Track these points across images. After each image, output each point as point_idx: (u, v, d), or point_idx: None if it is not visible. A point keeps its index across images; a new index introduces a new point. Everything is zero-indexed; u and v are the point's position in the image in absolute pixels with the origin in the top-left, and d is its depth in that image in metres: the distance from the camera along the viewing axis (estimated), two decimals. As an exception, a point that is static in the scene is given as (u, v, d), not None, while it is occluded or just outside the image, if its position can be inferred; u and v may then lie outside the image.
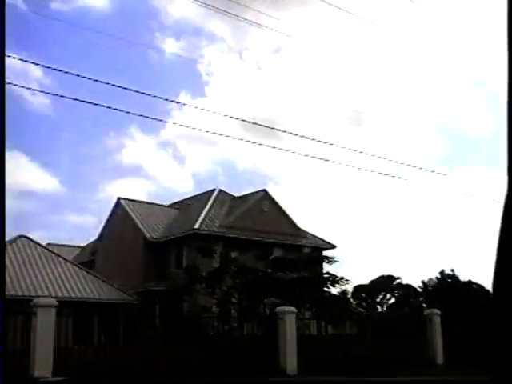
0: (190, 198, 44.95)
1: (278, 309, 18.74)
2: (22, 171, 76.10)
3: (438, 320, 22.46)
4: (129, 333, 28.77)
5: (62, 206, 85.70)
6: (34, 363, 14.38)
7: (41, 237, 73.61)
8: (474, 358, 22.02)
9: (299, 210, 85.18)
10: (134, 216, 39.53)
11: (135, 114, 15.92)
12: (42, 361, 14.42)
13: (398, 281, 61.38)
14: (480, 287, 44.79)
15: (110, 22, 74.69)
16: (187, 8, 78.54)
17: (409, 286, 59.28)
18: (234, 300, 26.09)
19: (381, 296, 64.94)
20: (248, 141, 21.98)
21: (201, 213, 37.05)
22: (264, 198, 39.28)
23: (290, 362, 17.97)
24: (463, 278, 49.80)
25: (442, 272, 52.27)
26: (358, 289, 67.47)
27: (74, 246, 53.08)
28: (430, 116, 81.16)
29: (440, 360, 21.61)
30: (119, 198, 42.30)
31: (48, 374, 14.39)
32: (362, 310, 59.09)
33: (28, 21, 69.63)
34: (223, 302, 26.64)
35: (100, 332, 30.97)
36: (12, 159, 77.11)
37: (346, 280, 27.37)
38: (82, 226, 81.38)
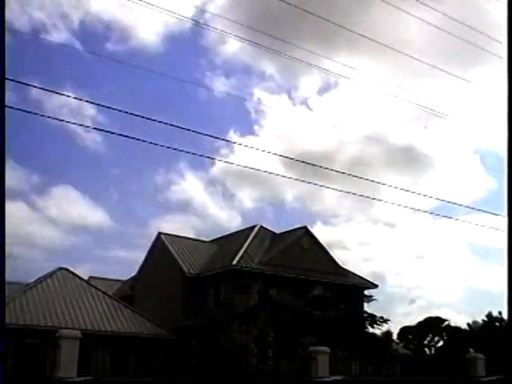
0: (231, 234, 44.72)
1: (311, 348, 18.18)
2: (74, 206, 77.86)
3: (481, 364, 21.48)
4: (164, 368, 28.41)
5: (111, 240, 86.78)
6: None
7: (88, 270, 74.25)
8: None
9: (346, 249, 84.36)
10: (172, 251, 39.40)
11: (185, 151, 16.26)
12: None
13: (446, 323, 59.51)
14: None
15: (161, 62, 76.25)
16: (237, 47, 79.53)
17: (458, 329, 57.37)
18: (270, 338, 25.55)
19: (428, 338, 63.20)
20: (297, 179, 22.14)
21: (240, 249, 36.67)
22: (304, 235, 38.71)
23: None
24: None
25: (489, 315, 50.49)
26: (405, 330, 65.84)
27: (116, 280, 53.16)
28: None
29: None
30: (159, 233, 42.34)
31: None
32: (407, 351, 57.50)
33: (84, 60, 71.68)
34: (259, 339, 26.13)
35: (136, 366, 30.71)
36: (64, 194, 79.20)
37: (385, 320, 26.60)
38: (129, 261, 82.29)
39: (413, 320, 68.02)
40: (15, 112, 12.56)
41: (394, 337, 66.56)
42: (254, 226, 42.15)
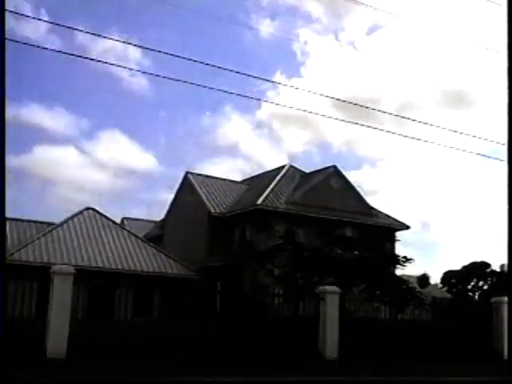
0: (262, 174, 43.80)
1: (320, 288, 17.36)
2: (122, 150, 78.19)
3: (505, 309, 20.31)
4: (189, 308, 28.04)
5: (159, 183, 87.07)
6: (48, 338, 13.67)
7: (134, 213, 74.63)
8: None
9: (390, 192, 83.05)
10: (199, 190, 38.80)
11: (232, 93, 16.25)
12: (56, 335, 13.63)
13: (492, 267, 57.92)
14: None
15: (205, 3, 74.55)
16: None
17: (502, 273, 55.84)
18: (289, 278, 24.91)
19: (473, 283, 61.85)
20: (343, 120, 21.98)
21: (266, 188, 35.84)
22: (333, 175, 37.52)
23: (330, 346, 16.57)
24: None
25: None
26: (449, 274, 64.47)
27: (150, 221, 53.07)
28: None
29: (505, 355, 19.54)
30: (187, 173, 41.68)
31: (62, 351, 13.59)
32: (450, 296, 56.46)
33: (129, 3, 70.47)
34: (279, 279, 25.52)
35: (161, 306, 30.54)
36: (112, 138, 79.56)
37: (409, 260, 25.65)
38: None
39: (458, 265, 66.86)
40: (64, 56, 12.80)
41: (437, 280, 65.53)
42: (283, 166, 41.17)
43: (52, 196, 79.90)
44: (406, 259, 25.70)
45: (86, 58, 15.69)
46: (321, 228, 30.02)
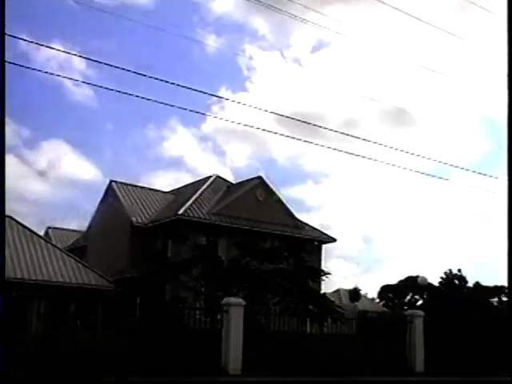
0: (189, 184, 43.13)
1: (224, 300, 16.77)
2: (65, 160, 76.72)
3: (419, 322, 20.26)
4: (106, 321, 26.98)
5: (101, 195, 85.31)
6: None
7: (75, 225, 73.60)
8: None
9: (333, 207, 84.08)
10: (122, 199, 37.86)
11: (176, 106, 16.15)
12: None
13: (428, 281, 58.84)
14: (485, 289, 42.37)
15: (152, 16, 73.81)
16: (229, 4, 76.77)
17: (432, 287, 56.86)
18: (202, 289, 24.31)
19: (408, 297, 62.72)
20: (288, 136, 21.78)
21: (190, 199, 35.21)
22: (259, 186, 37.19)
23: (234, 361, 15.97)
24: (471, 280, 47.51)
25: (448, 272, 49.79)
26: (385, 288, 65.14)
27: (76, 231, 51.56)
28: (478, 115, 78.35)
29: (420, 367, 19.45)
30: (111, 181, 40.60)
31: None
32: (387, 310, 56.92)
33: (72, 12, 69.01)
34: (195, 292, 24.91)
35: (76, 317, 29.42)
36: (55, 148, 77.73)
37: (326, 273, 25.52)
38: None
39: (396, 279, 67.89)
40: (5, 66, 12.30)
41: (375, 295, 66.17)
42: (210, 176, 40.62)
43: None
44: (324, 273, 25.62)
45: (28, 67, 15.12)
46: (242, 239, 29.56)
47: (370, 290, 77.74)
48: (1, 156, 7.05)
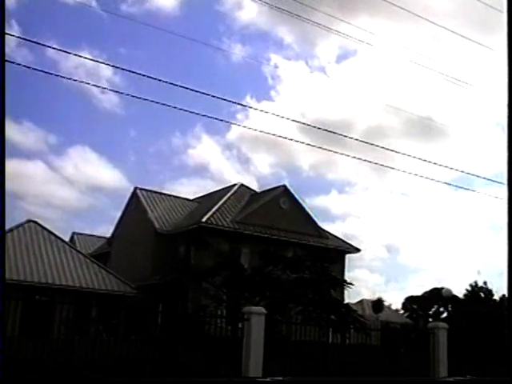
0: (213, 193, 43.24)
1: (245, 309, 16.72)
2: (91, 167, 77.73)
3: (443, 334, 19.96)
4: (129, 327, 27.13)
5: (125, 201, 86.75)
6: None
7: (102, 231, 74.93)
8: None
9: (355, 216, 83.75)
10: (147, 207, 38.05)
11: (202, 114, 15.96)
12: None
13: (453, 293, 58.15)
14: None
15: (177, 24, 74.40)
16: (254, 14, 77.17)
17: (456, 299, 56.21)
18: (224, 298, 24.27)
19: (434, 309, 61.95)
20: (311, 144, 21.79)
21: (213, 207, 35.26)
22: (282, 195, 37.15)
23: (254, 369, 15.91)
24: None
25: (474, 285, 49.14)
26: (410, 300, 64.30)
27: (101, 237, 52.01)
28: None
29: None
30: (136, 188, 40.86)
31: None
32: (410, 321, 56.38)
33: (100, 20, 70.14)
34: (217, 300, 24.87)
35: (98, 323, 29.60)
36: (81, 154, 78.95)
37: (348, 284, 25.32)
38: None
39: (421, 290, 67.11)
40: (33, 72, 12.70)
41: (399, 306, 65.50)
42: (234, 185, 40.68)
43: (18, 210, 78.89)
44: (347, 283, 25.45)
45: (57, 74, 15.49)
46: (265, 248, 29.51)
47: (395, 301, 77.39)
48: (1, 156, 6.99)
